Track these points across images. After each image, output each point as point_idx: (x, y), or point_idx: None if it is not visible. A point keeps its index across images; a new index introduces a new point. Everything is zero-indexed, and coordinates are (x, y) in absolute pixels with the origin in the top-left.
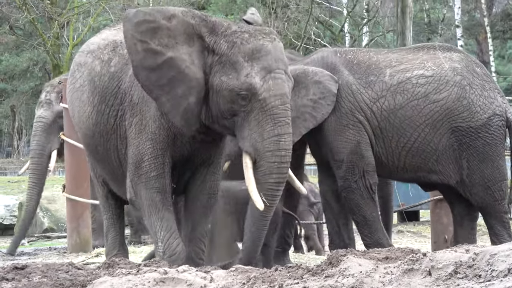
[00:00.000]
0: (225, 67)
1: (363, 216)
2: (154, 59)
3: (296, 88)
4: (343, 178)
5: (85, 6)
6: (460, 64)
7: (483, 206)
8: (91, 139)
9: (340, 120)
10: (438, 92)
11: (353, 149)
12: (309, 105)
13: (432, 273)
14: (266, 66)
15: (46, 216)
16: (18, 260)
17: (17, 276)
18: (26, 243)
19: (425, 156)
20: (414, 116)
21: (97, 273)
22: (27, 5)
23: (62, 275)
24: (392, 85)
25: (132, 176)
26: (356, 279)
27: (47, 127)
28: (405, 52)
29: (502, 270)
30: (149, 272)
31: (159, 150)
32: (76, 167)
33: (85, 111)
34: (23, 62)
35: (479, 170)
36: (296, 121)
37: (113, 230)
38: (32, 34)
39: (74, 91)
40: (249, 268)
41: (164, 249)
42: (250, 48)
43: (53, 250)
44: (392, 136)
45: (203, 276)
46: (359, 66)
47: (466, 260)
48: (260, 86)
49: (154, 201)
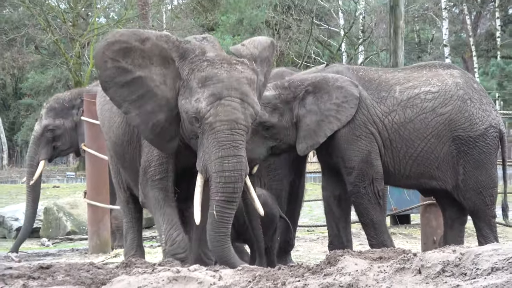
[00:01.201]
0: (186, 91)
1: (371, 219)
2: (124, 76)
3: (318, 94)
4: (353, 184)
5: (104, 27)
6: (461, 79)
7: (474, 210)
8: (120, 147)
9: (353, 131)
10: (444, 106)
11: (364, 158)
12: (333, 108)
13: (422, 272)
14: (215, 93)
15: (69, 220)
16: (44, 260)
17: (42, 275)
18: (51, 245)
19: (428, 164)
20: (422, 129)
21: (115, 272)
22: (51, 27)
23: (84, 274)
24: (402, 100)
25: (141, 180)
26: (352, 277)
27: (36, 140)
28: (409, 70)
29: (486, 268)
30: (163, 271)
31: (164, 158)
32: (96, 176)
33: (115, 122)
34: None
35: (473, 176)
36: (321, 124)
37: (131, 232)
38: (56, 54)
39: (104, 103)
40: (254, 267)
41: (166, 239)
42: (203, 76)
43: (75, 251)
44: (400, 147)
45: (212, 274)
46: (371, 82)
47: (453, 260)
48: (206, 111)
49: (157, 199)
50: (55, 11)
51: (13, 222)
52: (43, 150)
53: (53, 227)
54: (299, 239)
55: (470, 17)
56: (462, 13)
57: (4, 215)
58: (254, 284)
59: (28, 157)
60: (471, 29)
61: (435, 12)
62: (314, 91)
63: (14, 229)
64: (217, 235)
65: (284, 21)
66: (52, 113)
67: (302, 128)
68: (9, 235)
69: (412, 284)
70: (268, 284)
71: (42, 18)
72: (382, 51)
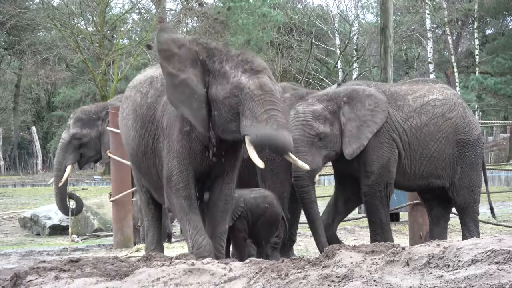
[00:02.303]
0: (218, 79)
1: (380, 219)
2: (172, 79)
3: (351, 103)
4: (369, 186)
5: (127, 48)
6: (452, 91)
7: (464, 206)
8: (136, 157)
9: (378, 138)
10: (451, 111)
11: (384, 164)
12: (368, 114)
13: (410, 264)
14: (252, 69)
15: (96, 219)
16: (73, 255)
17: (72, 268)
18: (80, 241)
19: (438, 163)
20: (435, 132)
21: (137, 265)
22: (80, 48)
23: (109, 267)
24: (416, 107)
25: (166, 188)
26: (348, 268)
27: (64, 147)
28: (409, 84)
29: (466, 260)
30: (180, 264)
31: (184, 166)
32: (120, 179)
33: (130, 135)
34: (77, 93)
35: (468, 176)
36: (361, 128)
37: (152, 229)
38: (84, 71)
39: (122, 119)
40: (261, 260)
41: (192, 244)
42: (235, 61)
43: (101, 246)
44: (417, 149)
45: (223, 267)
46: (385, 94)
47: (437, 253)
48: (246, 82)
49: (183, 207)
50: (84, 33)
51: (46, 220)
52: (70, 155)
53: (82, 225)
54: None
55: (451, 37)
56: (445, 34)
57: (39, 214)
58: (261, 275)
59: (56, 162)
60: (452, 48)
61: (421, 33)
62: (348, 101)
63: (47, 227)
64: None
65: (287, 42)
66: (79, 123)
67: (346, 135)
68: (43, 232)
69: (401, 274)
70: (273, 275)
71: (72, 39)
72: (373, 67)
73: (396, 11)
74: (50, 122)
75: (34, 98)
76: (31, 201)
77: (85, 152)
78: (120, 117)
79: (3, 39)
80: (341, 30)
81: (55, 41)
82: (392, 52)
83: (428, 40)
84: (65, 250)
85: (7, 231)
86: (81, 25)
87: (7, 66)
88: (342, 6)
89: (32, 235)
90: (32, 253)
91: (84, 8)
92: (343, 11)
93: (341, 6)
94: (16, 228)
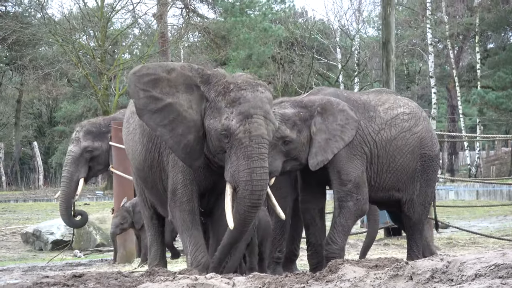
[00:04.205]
0: (213, 111)
1: (347, 224)
2: (155, 104)
3: (324, 115)
4: (347, 192)
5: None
6: (415, 103)
7: (416, 222)
8: (142, 171)
9: (351, 149)
10: (417, 125)
11: (359, 174)
12: (338, 129)
13: (413, 278)
14: (243, 112)
15: (98, 234)
16: (76, 270)
17: (75, 283)
18: (82, 256)
19: (400, 176)
20: (402, 145)
21: (140, 280)
22: (81, 63)
23: (112, 282)
24: (387, 119)
25: (170, 201)
26: (351, 283)
27: (75, 160)
28: (373, 94)
29: (470, 275)
30: (183, 279)
31: (188, 180)
32: (122, 194)
33: (137, 149)
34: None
35: (424, 192)
36: (329, 142)
37: (155, 244)
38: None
39: (128, 134)
40: (264, 275)
41: (191, 260)
42: (231, 97)
43: (104, 261)
44: (385, 162)
45: (227, 281)
46: (357, 103)
47: (441, 267)
48: (236, 127)
49: (185, 221)
50: (85, 48)
51: (48, 236)
52: (82, 169)
53: (84, 240)
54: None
55: (453, 51)
56: (446, 48)
57: (41, 229)
58: None
59: (66, 175)
60: (454, 62)
61: (422, 48)
62: (321, 112)
63: (49, 242)
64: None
65: (288, 56)
66: (90, 136)
67: (314, 145)
68: (45, 247)
69: None
70: None
71: (74, 54)
72: (375, 82)
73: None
74: (51, 137)
75: (36, 113)
76: (33, 216)
77: (93, 165)
78: (125, 132)
79: (4, 54)
80: (343, 45)
81: (57, 56)
82: (394, 67)
83: (430, 54)
84: (68, 265)
85: (10, 246)
86: (83, 40)
87: (9, 81)
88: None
89: (35, 250)
90: (34, 268)
91: (85, 23)
92: (344, 26)
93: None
94: (18, 243)
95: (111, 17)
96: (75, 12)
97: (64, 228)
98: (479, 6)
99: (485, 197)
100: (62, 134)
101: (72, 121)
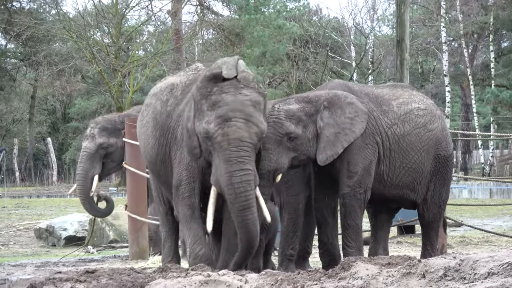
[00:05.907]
0: (199, 114)
1: (356, 223)
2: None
3: (332, 108)
4: (350, 187)
5: (143, 59)
6: (430, 100)
7: (431, 221)
8: (155, 166)
9: (364, 139)
10: (432, 123)
11: (366, 166)
12: (347, 122)
13: (426, 276)
14: (222, 115)
15: (111, 230)
16: (89, 266)
17: (88, 279)
18: (95, 252)
19: (415, 176)
20: (417, 142)
21: (153, 276)
22: (96, 59)
23: (125, 278)
24: (401, 114)
25: (174, 196)
26: (364, 281)
27: (90, 156)
28: (388, 88)
29: (483, 273)
30: (195, 275)
31: (192, 178)
32: (136, 190)
33: (149, 143)
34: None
35: (439, 192)
36: (338, 136)
37: (169, 240)
38: (100, 83)
39: (141, 127)
40: (276, 272)
41: (190, 252)
42: (212, 100)
43: (117, 257)
44: (398, 157)
45: (239, 278)
46: (370, 96)
47: (454, 265)
48: (214, 131)
49: (186, 215)
50: (100, 45)
51: (62, 231)
52: (96, 165)
53: (97, 236)
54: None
55: (467, 50)
56: (460, 47)
57: (54, 225)
58: (277, 287)
59: (81, 171)
60: (468, 61)
61: (436, 46)
62: (328, 106)
63: (63, 238)
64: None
65: (303, 54)
66: (105, 132)
67: (322, 140)
68: (58, 243)
69: (417, 287)
70: (289, 287)
71: (88, 51)
72: (389, 80)
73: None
74: (65, 133)
75: (50, 109)
76: (47, 212)
77: (108, 162)
78: (139, 125)
79: (19, 50)
80: (357, 43)
81: (71, 52)
82: (408, 65)
83: (444, 53)
84: (81, 261)
85: (23, 242)
86: (97, 36)
87: (23, 77)
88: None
89: (48, 246)
90: (47, 264)
91: (100, 19)
92: (359, 24)
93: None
94: (31, 239)
95: (125, 13)
96: (90, 8)
97: (77, 224)
98: (493, 5)
99: (499, 196)
100: (76, 130)
101: (86, 117)
